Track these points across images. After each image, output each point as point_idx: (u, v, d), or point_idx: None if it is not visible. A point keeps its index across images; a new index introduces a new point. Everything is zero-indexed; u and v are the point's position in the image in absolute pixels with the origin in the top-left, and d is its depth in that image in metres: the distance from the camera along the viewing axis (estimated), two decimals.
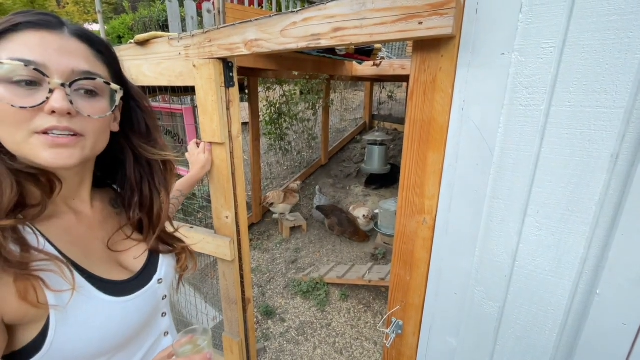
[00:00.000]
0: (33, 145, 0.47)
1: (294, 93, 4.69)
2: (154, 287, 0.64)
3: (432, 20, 0.63)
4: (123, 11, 10.66)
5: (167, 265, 0.69)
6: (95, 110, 0.52)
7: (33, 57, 0.46)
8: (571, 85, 0.58)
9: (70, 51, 0.49)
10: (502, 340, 0.78)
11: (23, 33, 0.46)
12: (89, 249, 0.58)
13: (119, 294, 0.56)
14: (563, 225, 0.64)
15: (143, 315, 0.60)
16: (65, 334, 0.48)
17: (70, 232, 0.56)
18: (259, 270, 3.09)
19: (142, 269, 0.64)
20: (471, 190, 0.73)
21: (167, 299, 0.69)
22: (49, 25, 0.48)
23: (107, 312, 0.53)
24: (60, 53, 0.48)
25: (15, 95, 0.45)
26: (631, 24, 0.52)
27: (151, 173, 0.65)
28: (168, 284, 0.69)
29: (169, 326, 0.70)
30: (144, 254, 0.66)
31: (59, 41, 0.48)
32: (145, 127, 0.64)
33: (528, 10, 0.59)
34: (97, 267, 0.56)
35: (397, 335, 0.95)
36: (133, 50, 1.27)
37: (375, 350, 2.20)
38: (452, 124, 0.72)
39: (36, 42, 0.47)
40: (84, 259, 0.55)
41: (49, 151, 0.48)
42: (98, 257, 0.58)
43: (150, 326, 0.65)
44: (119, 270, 0.60)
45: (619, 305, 0.62)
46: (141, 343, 0.63)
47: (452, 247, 0.79)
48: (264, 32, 0.89)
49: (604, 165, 0.58)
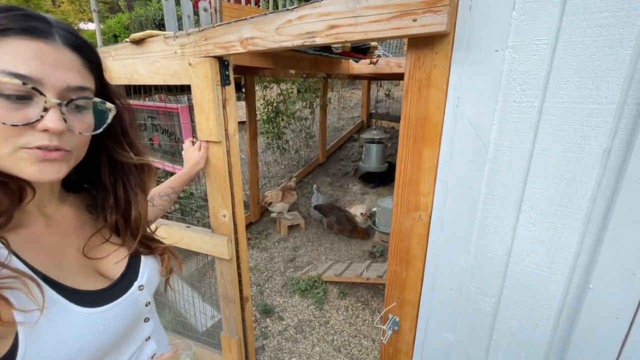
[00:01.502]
0: (19, 159, 0.45)
1: (291, 92, 4.69)
2: (135, 294, 0.60)
3: (426, 18, 0.63)
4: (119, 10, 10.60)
5: (150, 270, 0.65)
6: (84, 126, 0.50)
7: (29, 72, 0.43)
8: (564, 81, 0.59)
9: (65, 64, 0.47)
10: (498, 335, 0.79)
11: (14, 40, 0.42)
12: (61, 258, 0.54)
13: (95, 304, 0.53)
14: (557, 220, 0.65)
15: (123, 324, 0.57)
16: (37, 350, 0.45)
17: (39, 241, 0.52)
18: (257, 268, 3.09)
19: (121, 276, 0.60)
20: (466, 186, 0.74)
21: (150, 305, 0.65)
22: (42, 32, 0.45)
23: (81, 325, 0.49)
24: (55, 67, 0.45)
25: (4, 110, 0.42)
26: (622, 21, 0.52)
27: (126, 174, 0.62)
28: (151, 290, 0.65)
29: (152, 331, 0.67)
30: (123, 259, 0.63)
31: (54, 53, 0.45)
32: (121, 130, 0.60)
33: (521, 7, 0.59)
34: (70, 277, 0.52)
35: (394, 332, 0.96)
36: (128, 49, 1.27)
37: (374, 347, 2.21)
38: (447, 120, 0.72)
39: (31, 54, 0.43)
40: (54, 270, 0.51)
41: (36, 166, 0.45)
42: (71, 267, 0.55)
43: (132, 334, 0.61)
44: (95, 278, 0.57)
45: (612, 300, 0.62)
46: (122, 350, 0.59)
47: (447, 243, 0.80)
48: (259, 30, 0.89)
49: (596, 161, 0.59)
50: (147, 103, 1.71)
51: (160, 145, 1.72)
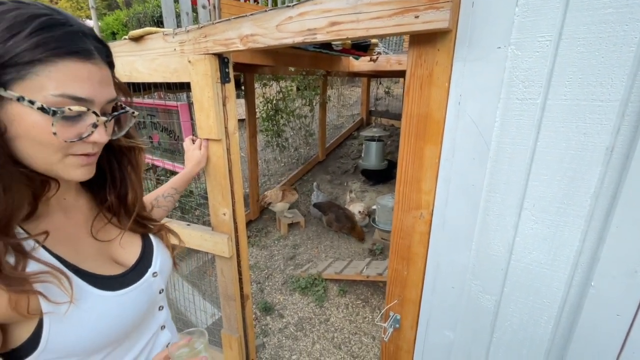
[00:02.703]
0: (68, 165, 0.50)
1: (291, 89, 4.67)
2: (149, 280, 0.64)
3: (429, 14, 0.62)
4: (117, 7, 10.54)
5: (162, 258, 0.69)
6: (111, 131, 0.55)
7: (86, 95, 0.47)
8: (567, 78, 0.58)
9: (107, 82, 0.51)
10: (499, 333, 0.79)
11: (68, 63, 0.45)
12: (79, 245, 0.58)
13: (114, 288, 0.56)
14: (559, 218, 0.65)
15: (140, 309, 0.60)
16: (60, 332, 0.48)
17: (60, 231, 0.56)
18: (257, 266, 3.10)
19: (136, 262, 0.64)
20: (468, 184, 0.73)
21: (164, 292, 0.68)
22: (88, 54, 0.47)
23: (101, 307, 0.53)
24: (101, 85, 0.50)
25: (63, 128, 0.46)
26: (626, 17, 0.52)
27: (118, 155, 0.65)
28: (164, 277, 0.69)
29: (166, 320, 0.71)
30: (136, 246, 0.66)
31: (99, 72, 0.49)
32: None
33: (524, 3, 0.59)
34: (88, 262, 0.56)
35: (395, 329, 0.96)
36: (127, 46, 1.26)
37: (374, 345, 2.22)
38: (449, 118, 0.72)
39: (85, 77, 0.47)
40: (75, 256, 0.55)
41: (81, 169, 0.51)
42: (90, 254, 0.59)
43: (147, 320, 0.65)
44: (111, 265, 0.60)
45: (613, 297, 0.62)
46: (139, 337, 0.63)
47: (449, 241, 0.80)
48: (259, 27, 0.88)
49: (599, 159, 0.58)
50: (147, 100, 1.71)
51: (159, 144, 1.72)
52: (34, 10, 0.44)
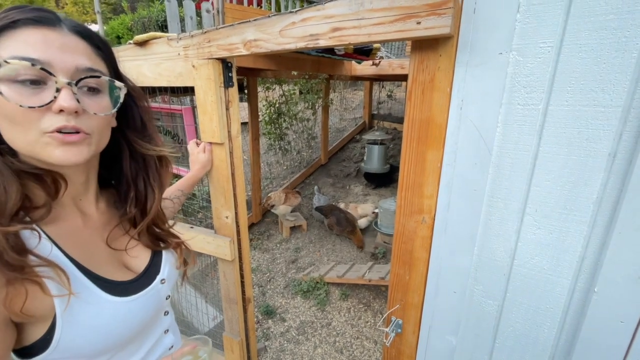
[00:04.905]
0: (44, 144, 0.47)
1: (293, 93, 4.69)
2: (157, 287, 0.65)
3: (430, 20, 0.63)
4: (122, 11, 10.64)
5: (170, 265, 0.70)
6: (100, 107, 0.52)
7: (37, 56, 0.45)
8: (569, 84, 0.58)
9: (72, 48, 0.49)
10: (502, 338, 0.78)
11: (22, 30, 0.45)
12: (94, 251, 0.59)
13: (123, 294, 0.58)
14: (561, 223, 0.64)
15: (147, 315, 0.62)
16: (72, 333, 0.50)
17: (76, 235, 0.57)
18: (259, 270, 3.09)
19: (145, 269, 0.65)
20: (470, 189, 0.73)
21: (169, 299, 0.70)
22: (48, 21, 0.47)
23: (111, 312, 0.54)
24: (62, 50, 0.48)
25: (21, 95, 0.45)
26: (628, 23, 0.52)
27: (145, 168, 0.66)
28: (171, 284, 0.70)
29: (170, 324, 0.72)
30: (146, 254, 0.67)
31: (60, 38, 0.48)
32: (141, 123, 0.64)
33: (525, 9, 0.59)
34: (102, 268, 0.57)
35: (397, 334, 0.96)
36: (132, 50, 1.27)
37: (376, 349, 2.21)
38: (451, 123, 0.72)
39: (38, 40, 0.46)
40: (89, 261, 0.56)
41: (60, 149, 0.48)
42: (103, 259, 0.60)
43: (153, 324, 0.66)
44: (123, 271, 0.62)
45: (617, 303, 0.62)
46: (144, 340, 0.64)
47: (451, 246, 0.80)
48: (262, 32, 0.89)
49: (601, 164, 0.58)
50: (152, 104, 1.72)
51: None
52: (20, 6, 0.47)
